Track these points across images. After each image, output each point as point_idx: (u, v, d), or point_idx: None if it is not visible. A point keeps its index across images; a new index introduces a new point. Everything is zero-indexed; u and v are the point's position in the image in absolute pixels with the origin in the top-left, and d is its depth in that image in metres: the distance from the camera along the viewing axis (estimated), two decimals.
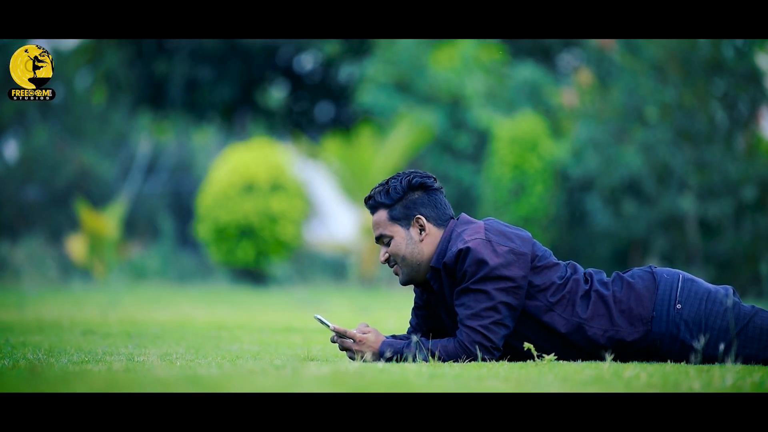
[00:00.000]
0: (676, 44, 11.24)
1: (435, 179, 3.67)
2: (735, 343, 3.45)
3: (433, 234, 3.61)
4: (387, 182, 3.65)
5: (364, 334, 3.58)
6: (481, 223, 3.59)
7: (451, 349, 3.49)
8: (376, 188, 3.66)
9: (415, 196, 3.62)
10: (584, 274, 3.60)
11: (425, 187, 3.62)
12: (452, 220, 3.65)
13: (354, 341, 3.56)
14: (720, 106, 11.32)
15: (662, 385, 2.85)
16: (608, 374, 3.04)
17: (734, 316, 3.48)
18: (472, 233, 3.52)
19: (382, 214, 3.63)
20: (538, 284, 3.52)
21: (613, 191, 11.91)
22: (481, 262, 3.46)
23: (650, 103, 11.58)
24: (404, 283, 3.67)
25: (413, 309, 3.78)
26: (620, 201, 11.84)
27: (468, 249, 3.47)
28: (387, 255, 3.63)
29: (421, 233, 3.60)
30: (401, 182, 3.62)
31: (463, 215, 3.66)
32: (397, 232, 3.60)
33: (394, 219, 3.61)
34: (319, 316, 3.62)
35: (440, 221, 3.62)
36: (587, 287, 3.55)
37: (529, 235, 3.60)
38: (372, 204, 3.65)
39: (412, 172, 3.66)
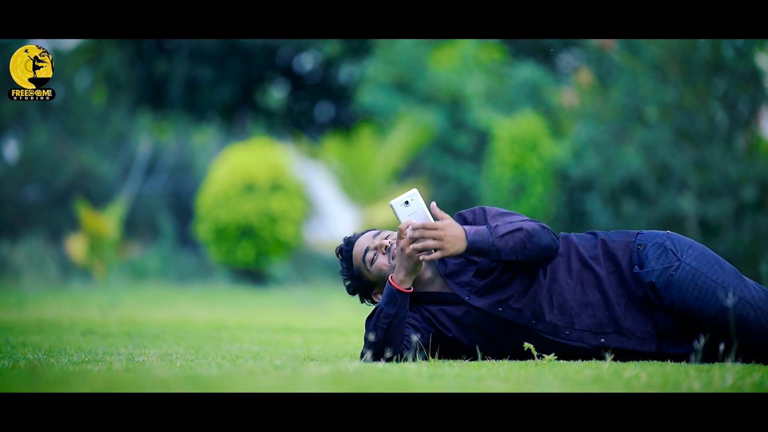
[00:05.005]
0: (676, 44, 11.24)
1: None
2: (734, 344, 3.45)
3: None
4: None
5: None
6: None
7: (519, 235, 3.36)
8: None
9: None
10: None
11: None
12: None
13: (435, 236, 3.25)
14: (720, 106, 11.31)
15: (662, 385, 2.85)
16: (608, 374, 3.05)
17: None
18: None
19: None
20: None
21: (613, 191, 11.91)
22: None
23: (650, 103, 11.58)
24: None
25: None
26: (620, 201, 11.84)
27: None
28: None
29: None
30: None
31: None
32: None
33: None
34: (398, 202, 3.32)
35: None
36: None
37: None
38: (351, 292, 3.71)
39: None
